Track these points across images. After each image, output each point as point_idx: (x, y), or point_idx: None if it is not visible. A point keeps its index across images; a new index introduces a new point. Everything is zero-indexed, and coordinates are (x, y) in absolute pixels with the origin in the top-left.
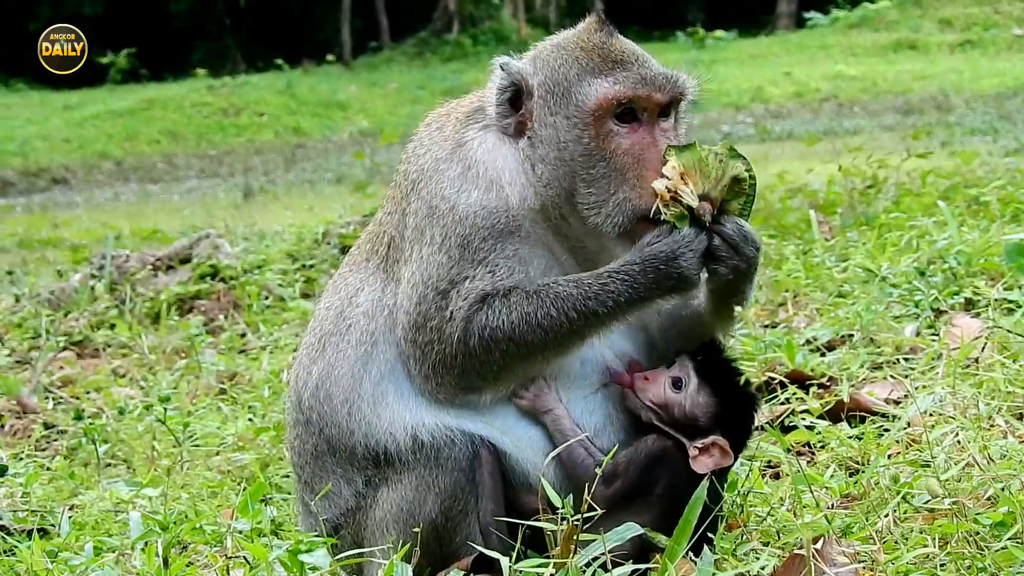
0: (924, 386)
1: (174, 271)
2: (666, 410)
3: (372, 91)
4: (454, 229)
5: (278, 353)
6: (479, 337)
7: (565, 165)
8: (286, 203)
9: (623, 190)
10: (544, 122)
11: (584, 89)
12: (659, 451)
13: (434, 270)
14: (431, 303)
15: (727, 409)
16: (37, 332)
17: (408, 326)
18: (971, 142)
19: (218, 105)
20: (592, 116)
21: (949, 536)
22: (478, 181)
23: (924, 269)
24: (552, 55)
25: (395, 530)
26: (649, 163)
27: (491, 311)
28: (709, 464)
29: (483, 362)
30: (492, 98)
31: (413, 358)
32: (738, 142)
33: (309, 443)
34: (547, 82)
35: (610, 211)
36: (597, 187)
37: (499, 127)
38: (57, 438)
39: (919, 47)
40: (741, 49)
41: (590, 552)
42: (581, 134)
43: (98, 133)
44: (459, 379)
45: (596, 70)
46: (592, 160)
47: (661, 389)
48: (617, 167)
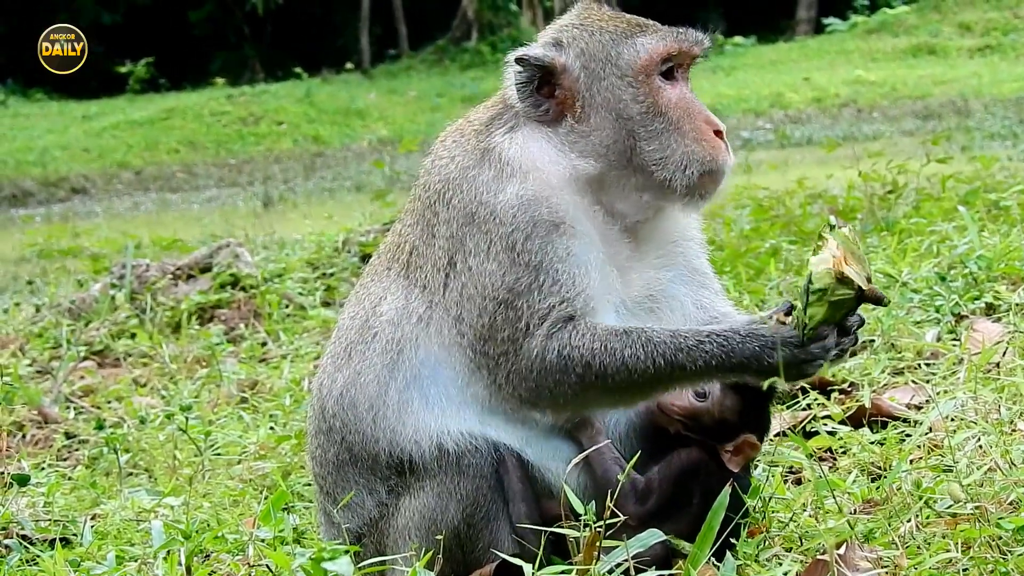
0: (945, 391)
1: (194, 280)
2: (696, 420)
3: (391, 99)
4: (497, 232)
5: (299, 361)
6: (558, 354)
7: (624, 127)
8: (306, 212)
9: (685, 143)
10: (594, 91)
11: (629, 50)
12: (692, 464)
13: (487, 279)
14: (496, 314)
15: (753, 406)
16: (58, 342)
17: (475, 338)
18: (991, 147)
19: (237, 114)
20: (644, 72)
21: (972, 541)
22: (513, 177)
23: (945, 274)
24: (575, 32)
25: (418, 537)
26: (697, 115)
27: (576, 333)
28: (741, 462)
29: (557, 381)
30: (515, 94)
31: (486, 368)
32: (757, 148)
33: (331, 452)
34: (585, 53)
35: (678, 163)
36: (660, 142)
37: (535, 117)
38: (79, 448)
39: (938, 52)
40: (760, 55)
41: (613, 559)
42: (636, 92)
43: (117, 143)
44: (532, 393)
45: (630, 33)
46: (650, 116)
47: (686, 401)
48: (673, 121)
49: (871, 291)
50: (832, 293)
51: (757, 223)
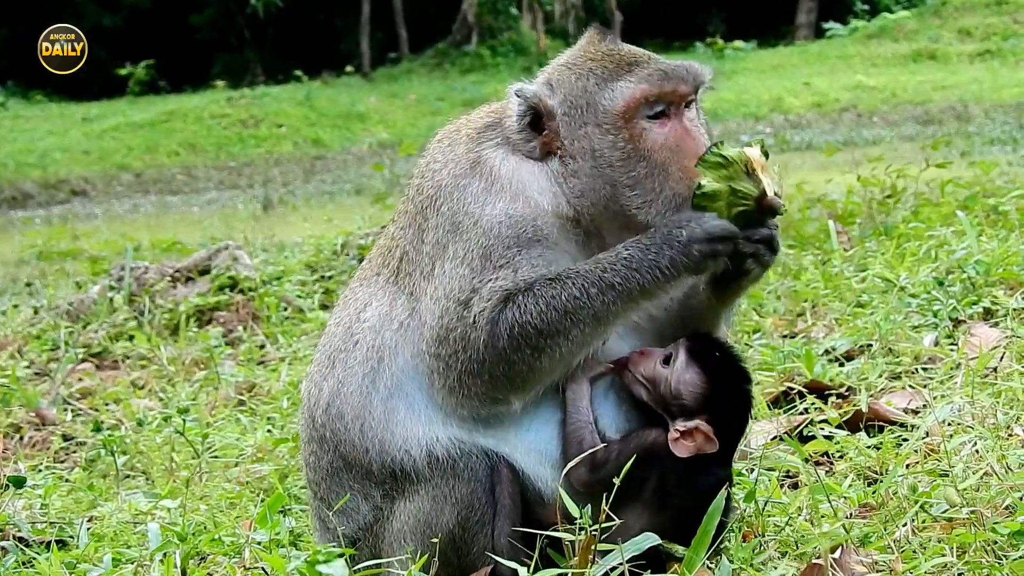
0: (943, 396)
1: (193, 283)
2: (654, 385)
3: (391, 102)
4: (477, 241)
5: (297, 364)
6: (508, 336)
7: (603, 174)
8: (305, 214)
9: (670, 185)
10: (573, 136)
11: (608, 95)
12: (651, 445)
13: (456, 283)
14: (453, 314)
15: (716, 391)
16: (56, 344)
17: (431, 340)
18: (990, 152)
19: (237, 117)
20: (623, 119)
21: (967, 545)
22: (504, 193)
23: (943, 279)
24: (565, 73)
25: (413, 541)
26: (688, 152)
27: (515, 307)
28: (690, 448)
29: (511, 363)
30: (514, 124)
31: (437, 372)
32: None
33: (324, 460)
34: (568, 98)
35: (661, 207)
36: (642, 187)
37: (524, 152)
38: (76, 450)
39: (938, 57)
40: (760, 60)
41: (607, 563)
42: (615, 139)
43: (118, 145)
44: (487, 387)
45: (614, 75)
46: (631, 162)
47: (652, 364)
48: (658, 163)
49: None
50: (736, 177)
51: None
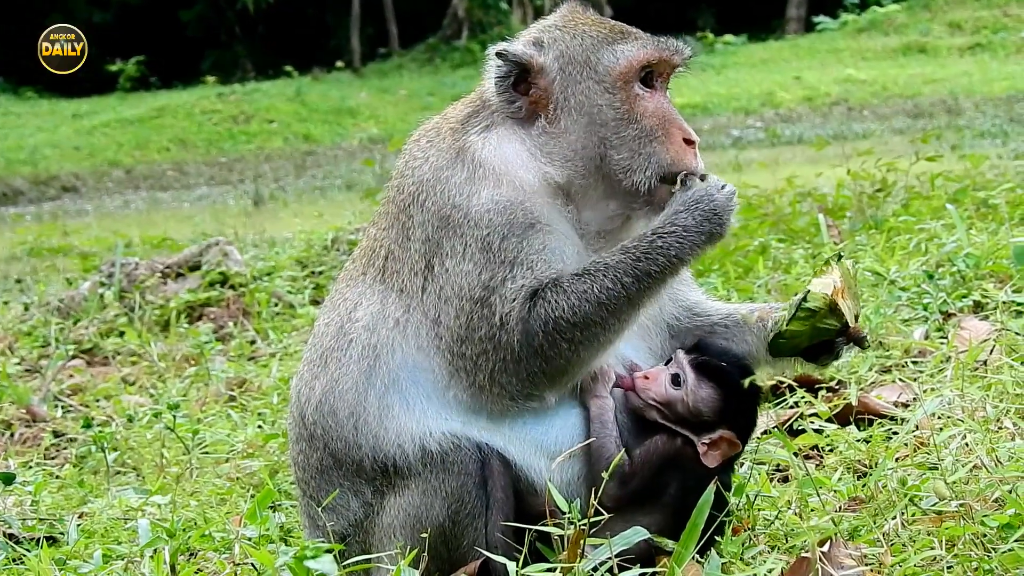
0: (932, 389)
1: (184, 279)
2: (670, 407)
3: (382, 98)
4: (472, 234)
5: (287, 360)
6: (543, 333)
7: (596, 133)
8: (296, 210)
9: (652, 147)
10: (570, 92)
11: (609, 56)
12: (671, 451)
13: (463, 280)
14: (472, 313)
15: (732, 399)
16: (47, 340)
17: (452, 340)
18: (981, 145)
19: (228, 112)
20: (622, 79)
21: (956, 538)
22: (487, 179)
23: (933, 272)
24: (556, 33)
25: (403, 535)
26: (671, 124)
27: (547, 303)
28: (719, 457)
29: (549, 358)
30: (493, 88)
31: (463, 371)
32: (748, 147)
33: (314, 458)
34: (565, 55)
35: (642, 167)
36: (628, 149)
37: (508, 113)
38: (66, 446)
39: (928, 51)
40: (751, 54)
41: (597, 556)
42: (612, 98)
43: (108, 141)
44: (523, 384)
45: (612, 39)
46: (623, 123)
47: (662, 387)
48: (646, 129)
49: (855, 330)
50: (820, 319)
51: (746, 221)
